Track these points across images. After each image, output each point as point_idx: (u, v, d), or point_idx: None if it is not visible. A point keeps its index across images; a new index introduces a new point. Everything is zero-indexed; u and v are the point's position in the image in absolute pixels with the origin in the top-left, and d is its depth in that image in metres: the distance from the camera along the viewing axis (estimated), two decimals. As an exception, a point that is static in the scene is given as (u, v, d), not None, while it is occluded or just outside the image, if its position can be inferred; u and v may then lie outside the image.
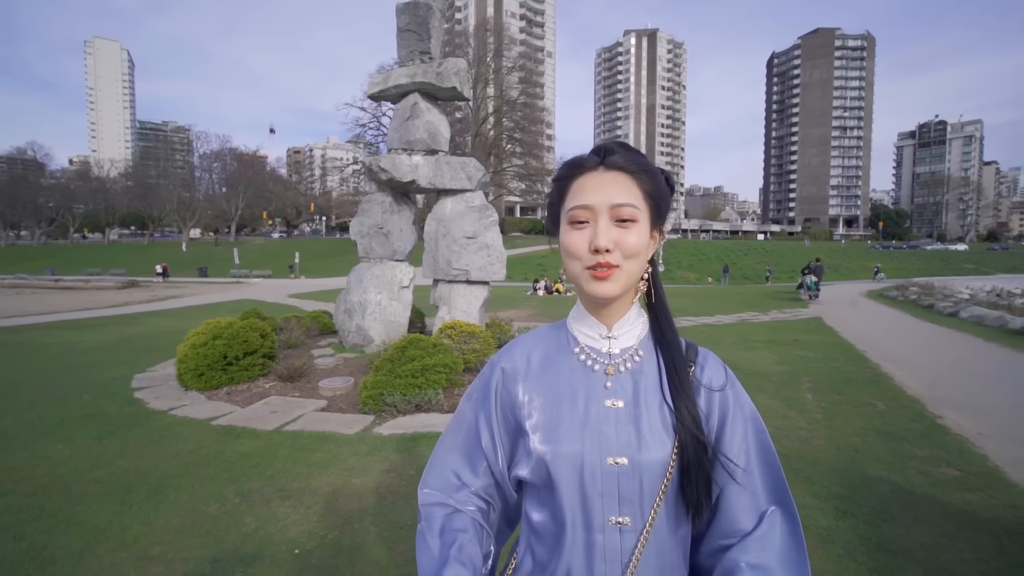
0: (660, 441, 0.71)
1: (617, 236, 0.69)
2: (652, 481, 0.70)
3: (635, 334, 0.77)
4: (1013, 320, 9.39)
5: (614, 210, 0.70)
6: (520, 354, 0.81)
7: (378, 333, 6.43)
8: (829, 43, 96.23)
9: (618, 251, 0.69)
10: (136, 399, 4.89)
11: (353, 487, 3.02)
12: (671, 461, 0.70)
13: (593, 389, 0.75)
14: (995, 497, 2.92)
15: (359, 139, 46.85)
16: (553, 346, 0.81)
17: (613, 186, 0.71)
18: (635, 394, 0.74)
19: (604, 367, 0.76)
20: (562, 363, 0.78)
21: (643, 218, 0.71)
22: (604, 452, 0.71)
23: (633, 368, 0.76)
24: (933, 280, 22.20)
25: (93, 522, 2.61)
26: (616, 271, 0.70)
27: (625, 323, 0.77)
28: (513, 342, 0.84)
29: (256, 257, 42.04)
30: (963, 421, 4.30)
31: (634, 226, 0.70)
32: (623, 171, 0.71)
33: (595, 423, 0.72)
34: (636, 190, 0.71)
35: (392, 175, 6.45)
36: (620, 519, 0.70)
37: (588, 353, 0.77)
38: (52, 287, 24.02)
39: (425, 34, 6.63)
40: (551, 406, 0.75)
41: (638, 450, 0.70)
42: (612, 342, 0.77)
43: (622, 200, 0.70)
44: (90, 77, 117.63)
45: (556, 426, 0.73)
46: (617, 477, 0.70)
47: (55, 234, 62.66)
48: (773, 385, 5.48)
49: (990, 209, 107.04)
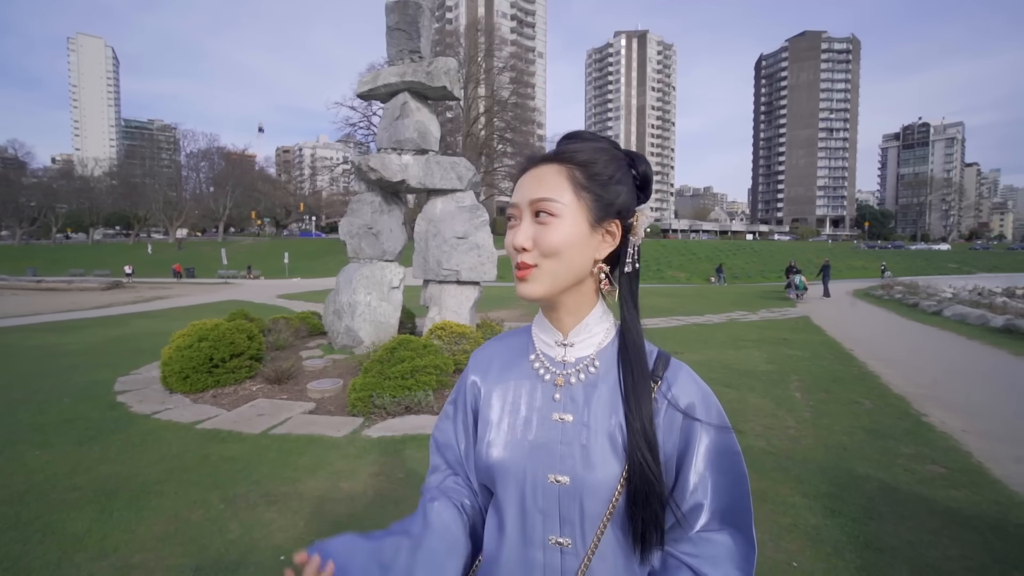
0: (606, 462, 0.65)
1: (535, 233, 0.65)
2: (594, 504, 0.64)
3: (594, 342, 0.71)
4: (994, 318, 9.58)
5: (533, 205, 0.66)
6: (484, 359, 0.79)
7: (368, 334, 6.37)
8: (816, 46, 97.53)
9: (536, 249, 0.65)
10: (119, 403, 4.79)
11: (341, 491, 2.98)
12: (619, 485, 0.64)
13: (543, 400, 0.70)
14: (979, 494, 2.96)
15: (349, 138, 46.50)
16: (515, 352, 0.77)
17: (538, 181, 0.66)
18: (585, 409, 0.68)
19: (555, 377, 0.71)
20: (518, 370, 0.74)
21: (568, 212, 0.65)
22: (546, 468, 0.66)
23: (587, 380, 0.70)
24: (917, 279, 22.61)
25: (71, 530, 2.54)
26: (534, 270, 0.65)
27: (582, 330, 0.71)
28: (483, 346, 0.82)
29: (244, 257, 41.54)
30: (947, 419, 4.36)
31: (553, 221, 0.64)
32: (557, 161, 0.67)
33: (540, 437, 0.68)
34: (563, 181, 0.65)
35: (382, 175, 6.39)
36: (560, 540, 0.65)
37: (542, 361, 0.73)
38: (34, 288, 23.52)
39: (415, 33, 6.59)
40: (502, 415, 0.72)
41: (581, 470, 0.65)
42: (567, 350, 0.71)
43: (540, 195, 0.65)
44: (73, 74, 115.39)
45: (503, 437, 0.70)
46: (558, 496, 0.65)
47: (37, 234, 61.33)
48: (762, 384, 5.52)
49: (971, 210, 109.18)
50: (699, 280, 32.40)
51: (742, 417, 4.36)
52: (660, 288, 24.41)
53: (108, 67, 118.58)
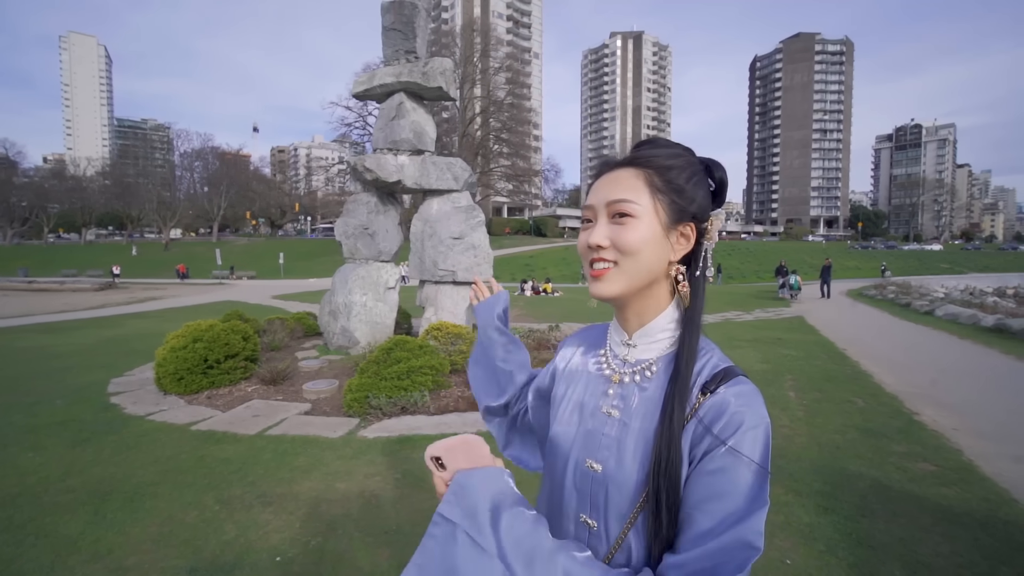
0: (635, 463, 0.66)
1: (612, 233, 0.67)
2: (619, 498, 0.66)
3: (657, 348, 0.72)
4: (985, 318, 9.67)
5: (610, 206, 0.68)
6: (573, 345, 0.87)
7: (363, 335, 6.36)
8: (810, 47, 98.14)
9: (613, 248, 0.67)
10: (112, 404, 4.76)
11: (337, 492, 2.97)
12: (645, 488, 0.64)
13: (599, 392, 0.75)
14: (969, 491, 3.00)
15: (345, 138, 46.33)
16: (593, 343, 0.83)
17: (615, 183, 0.69)
18: (631, 408, 0.70)
19: (613, 374, 0.75)
20: (588, 362, 0.81)
21: (645, 213, 0.67)
22: (587, 453, 0.71)
23: (640, 382, 0.71)
24: (910, 279, 22.79)
25: (65, 533, 2.53)
26: (612, 270, 0.68)
27: (646, 334, 0.72)
28: (577, 332, 0.90)
29: (239, 258, 41.31)
30: (939, 417, 4.41)
31: (632, 221, 0.67)
32: (632, 165, 0.69)
33: (589, 424, 0.73)
34: (641, 184, 0.68)
35: (377, 175, 6.39)
36: (588, 520, 0.70)
37: (608, 357, 0.78)
38: (25, 289, 23.30)
39: (411, 33, 6.59)
40: (568, 396, 0.79)
41: (613, 463, 0.68)
42: (631, 350, 0.74)
43: (617, 196, 0.68)
44: (65, 73, 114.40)
45: (565, 415, 0.77)
46: (591, 480, 0.70)
47: (29, 234, 60.76)
48: (757, 383, 5.46)
49: (963, 210, 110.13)
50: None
51: (736, 416, 4.39)
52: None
53: (101, 66, 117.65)
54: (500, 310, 1.08)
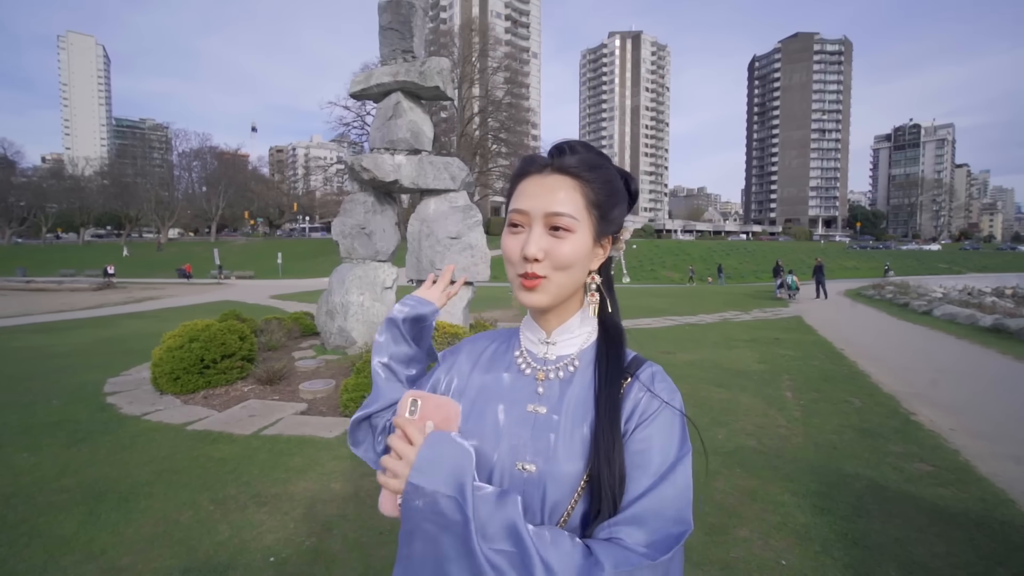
0: (572, 455, 0.67)
1: (548, 245, 0.66)
2: (556, 495, 0.66)
3: (576, 343, 0.75)
4: (983, 318, 9.69)
5: (549, 218, 0.67)
6: (480, 347, 0.83)
7: (361, 335, 6.35)
8: (808, 47, 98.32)
9: (548, 261, 0.67)
10: (108, 404, 4.74)
11: (332, 492, 2.97)
12: (582, 480, 0.66)
13: (521, 392, 0.74)
14: (966, 491, 3.00)
15: (343, 138, 46.34)
16: (504, 346, 0.81)
17: (552, 192, 0.67)
18: (559, 403, 0.71)
19: (536, 372, 0.74)
20: (503, 363, 0.78)
21: (582, 228, 0.67)
22: (515, 456, 0.69)
23: (564, 377, 0.73)
24: (908, 279, 22.84)
25: (58, 533, 2.52)
26: (543, 282, 0.67)
27: (565, 331, 0.74)
28: (480, 335, 0.85)
29: (237, 258, 41.28)
30: (936, 417, 4.41)
31: (569, 236, 0.67)
32: (569, 175, 0.68)
33: (514, 426, 0.71)
34: (579, 198, 0.68)
35: (374, 175, 6.38)
36: None
37: (526, 357, 0.77)
38: (23, 288, 23.27)
39: (408, 32, 6.57)
40: (480, 403, 0.75)
41: (547, 460, 0.67)
42: (550, 348, 0.75)
43: (558, 209, 0.66)
44: (64, 73, 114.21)
45: (478, 424, 0.73)
46: (523, 484, 0.67)
47: (27, 234, 60.65)
48: (754, 383, 5.55)
49: (962, 210, 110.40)
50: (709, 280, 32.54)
51: (733, 416, 4.39)
52: (653, 288, 24.51)
53: (99, 66, 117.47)
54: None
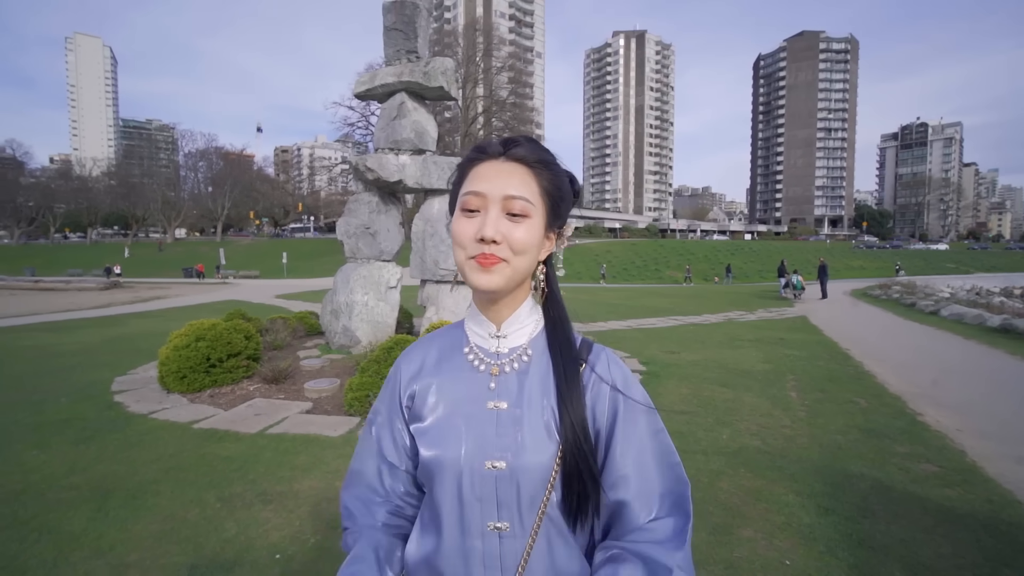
0: (541, 445, 0.67)
1: (506, 229, 0.66)
2: (531, 486, 0.67)
3: (525, 332, 0.75)
4: (991, 318, 9.60)
5: (506, 202, 0.66)
6: (418, 356, 0.80)
7: (365, 334, 6.37)
8: (814, 46, 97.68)
9: (506, 244, 0.66)
10: (116, 402, 4.79)
11: (337, 490, 2.97)
12: (554, 467, 0.67)
13: (478, 390, 0.72)
14: (972, 492, 2.98)
15: (348, 138, 46.45)
16: (448, 346, 0.79)
17: (509, 177, 0.67)
18: (519, 395, 0.71)
19: (490, 367, 0.73)
20: (452, 363, 0.76)
21: (536, 215, 0.68)
22: (483, 456, 0.68)
23: (520, 368, 0.73)
24: (915, 279, 22.65)
25: (68, 529, 2.55)
26: (501, 264, 0.67)
27: (515, 321, 0.74)
28: (414, 343, 0.83)
29: (243, 257, 41.52)
30: (942, 418, 4.38)
31: (525, 221, 0.67)
32: (523, 163, 0.69)
33: (476, 425, 0.70)
34: (534, 185, 0.68)
35: (379, 175, 6.40)
36: (498, 524, 0.68)
37: (476, 353, 0.75)
38: (32, 288, 23.49)
39: (412, 33, 6.59)
40: (438, 408, 0.73)
41: (517, 454, 0.67)
42: (501, 341, 0.74)
43: (516, 192, 0.67)
44: (71, 74, 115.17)
45: (439, 430, 0.71)
46: (495, 481, 0.67)
47: (35, 234, 61.25)
48: (759, 383, 5.53)
49: (970, 210, 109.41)
50: (698, 280, 32.41)
51: (737, 416, 4.38)
52: (656, 288, 24.45)
53: (106, 67, 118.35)
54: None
